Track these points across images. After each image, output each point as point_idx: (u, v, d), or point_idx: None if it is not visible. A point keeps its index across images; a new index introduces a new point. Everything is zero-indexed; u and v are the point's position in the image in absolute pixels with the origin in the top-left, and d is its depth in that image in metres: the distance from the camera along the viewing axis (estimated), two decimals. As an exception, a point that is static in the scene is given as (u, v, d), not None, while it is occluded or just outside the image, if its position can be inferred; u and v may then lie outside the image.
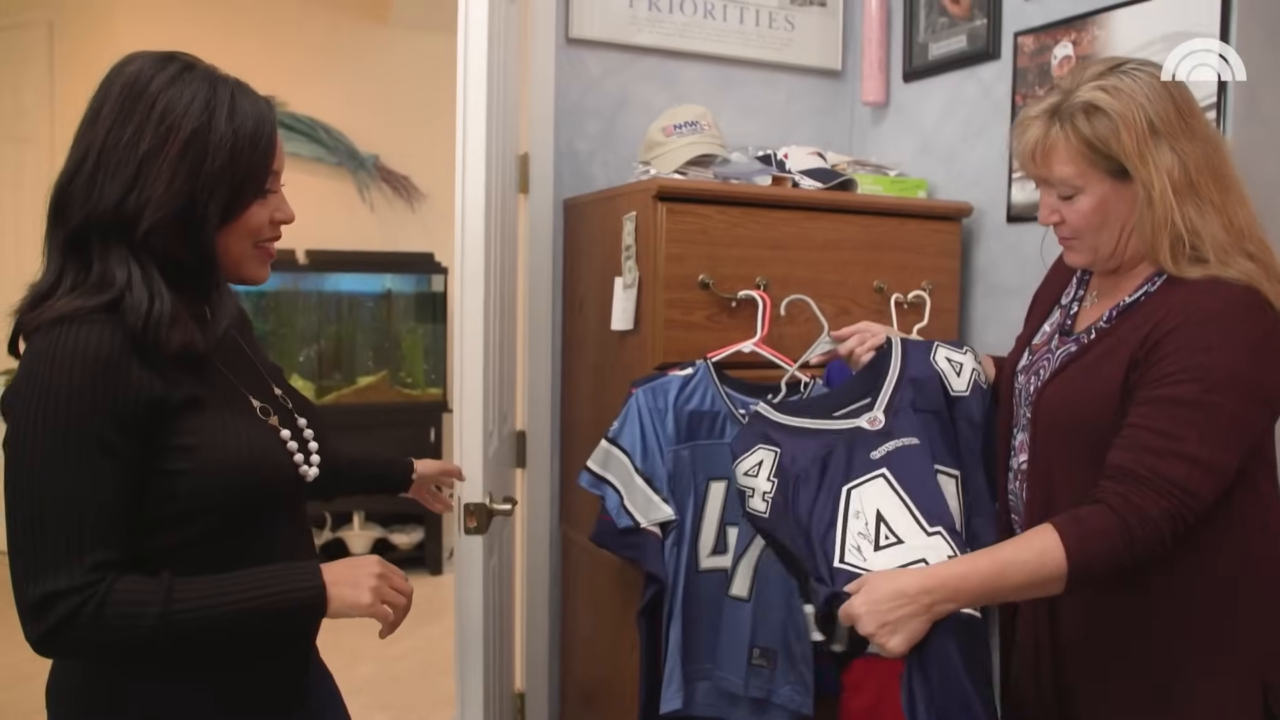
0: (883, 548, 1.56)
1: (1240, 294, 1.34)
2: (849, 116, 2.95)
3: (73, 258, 1.18)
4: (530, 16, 2.57)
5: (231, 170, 1.20)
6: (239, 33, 4.89)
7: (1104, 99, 1.38)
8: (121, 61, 1.22)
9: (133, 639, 1.11)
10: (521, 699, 2.75)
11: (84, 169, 1.17)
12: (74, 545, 1.09)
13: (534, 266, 2.62)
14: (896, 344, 1.78)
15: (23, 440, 1.11)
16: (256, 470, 1.24)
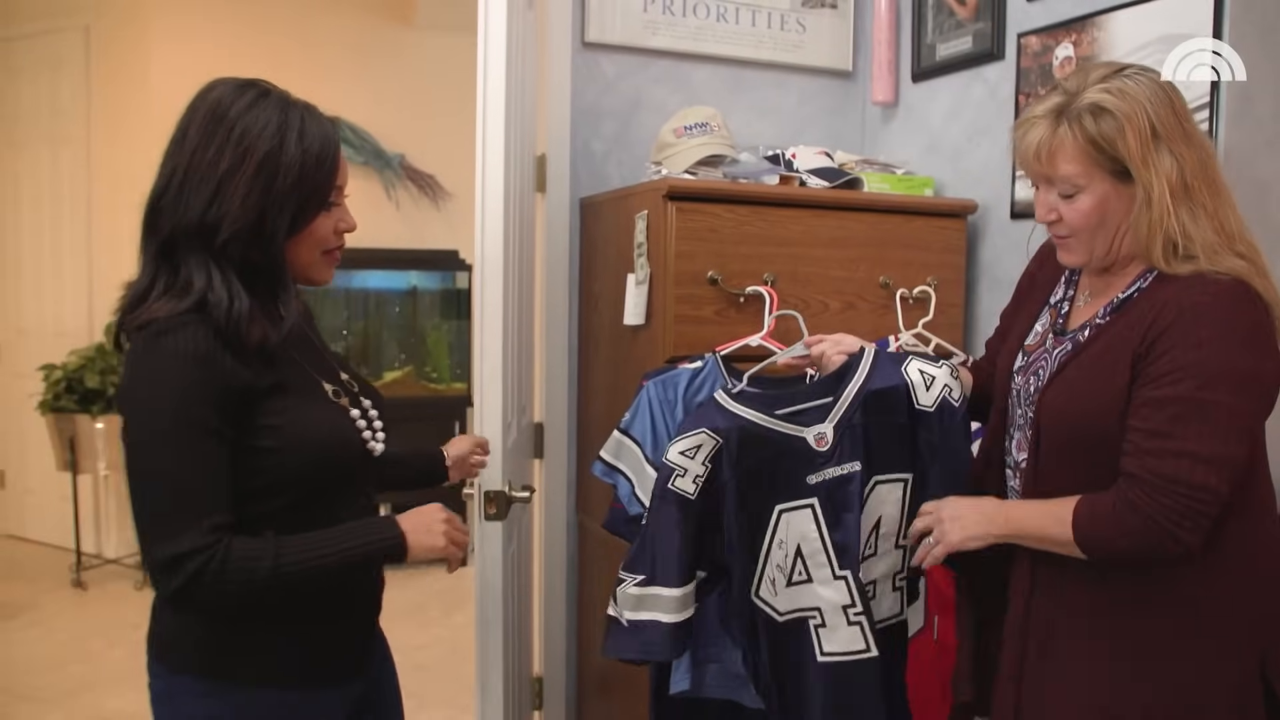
0: (793, 584, 1.72)
1: (1229, 287, 1.38)
2: (859, 116, 3.01)
3: (164, 264, 1.34)
4: (547, 21, 2.65)
5: (299, 187, 1.35)
6: (268, 34, 5.00)
7: (1110, 100, 1.41)
8: (205, 88, 1.37)
9: (250, 590, 1.27)
10: (540, 683, 2.83)
11: (171, 186, 1.33)
12: (194, 512, 1.25)
13: (551, 264, 2.70)
14: (868, 353, 1.79)
15: (142, 428, 1.27)
16: (331, 446, 1.41)
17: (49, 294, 5.24)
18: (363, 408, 1.53)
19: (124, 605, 4.47)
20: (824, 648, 1.74)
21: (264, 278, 1.38)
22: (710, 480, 1.69)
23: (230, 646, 1.37)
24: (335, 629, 1.46)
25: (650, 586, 1.69)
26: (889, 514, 1.76)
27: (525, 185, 2.50)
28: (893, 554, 1.79)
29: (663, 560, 1.68)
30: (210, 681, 1.37)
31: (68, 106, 5.15)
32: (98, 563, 4.87)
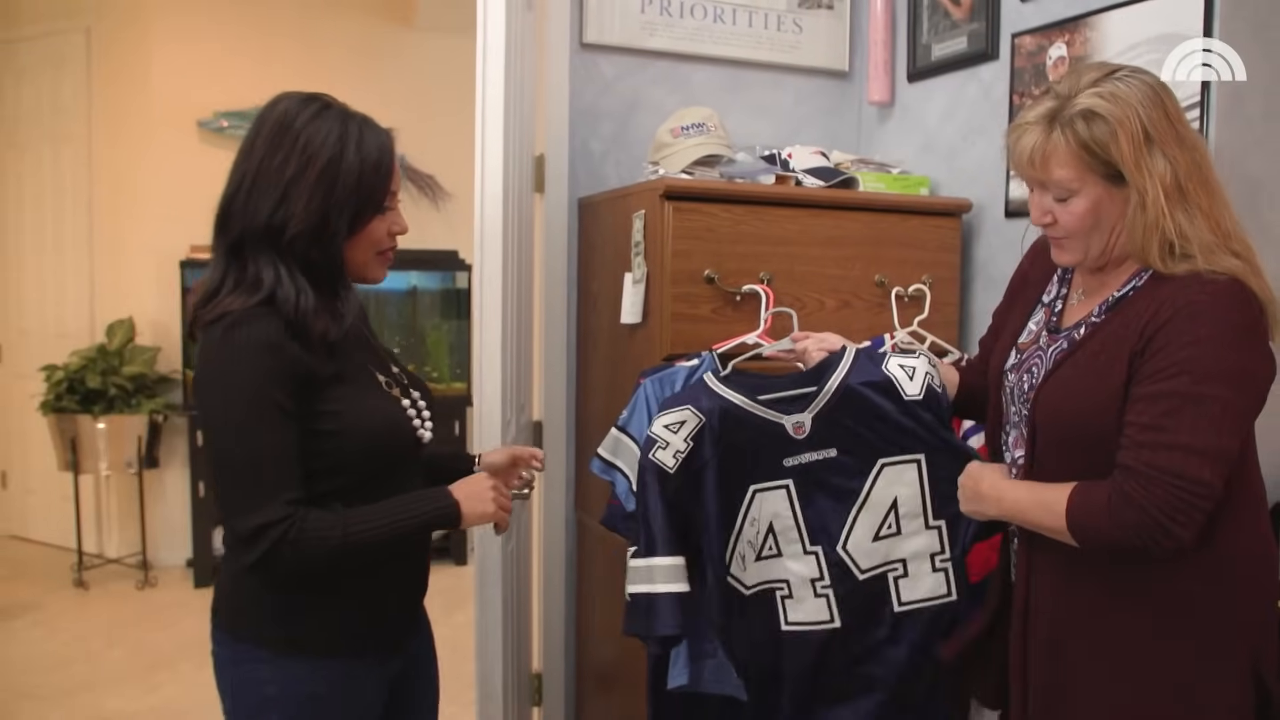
0: (762, 558, 1.83)
1: (1226, 286, 1.39)
2: (856, 116, 3.03)
3: (234, 262, 1.46)
4: (546, 23, 2.67)
5: (358, 192, 1.47)
6: (269, 35, 5.04)
7: (1103, 105, 1.42)
8: (273, 101, 1.51)
9: (324, 556, 1.40)
10: (539, 679, 2.85)
11: (240, 191, 1.45)
12: (274, 486, 1.38)
13: (550, 263, 2.72)
14: (850, 351, 1.85)
15: (223, 411, 1.39)
16: (385, 433, 1.53)
17: (50, 295, 5.26)
18: (412, 399, 1.64)
19: (125, 605, 4.50)
20: (789, 617, 1.84)
21: (324, 276, 1.50)
22: (690, 458, 1.76)
23: (291, 618, 1.48)
24: (385, 605, 1.59)
25: (645, 558, 1.77)
26: (906, 494, 1.83)
27: (524, 185, 2.52)
28: (924, 533, 1.85)
29: (648, 531, 1.76)
30: (271, 650, 1.49)
31: (69, 108, 5.17)
32: (99, 563, 4.89)
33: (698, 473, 1.78)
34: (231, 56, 5.02)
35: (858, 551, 1.84)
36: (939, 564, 1.86)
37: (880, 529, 1.84)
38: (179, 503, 4.93)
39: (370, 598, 1.54)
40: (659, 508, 1.75)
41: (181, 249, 4.79)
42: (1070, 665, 1.53)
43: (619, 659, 2.48)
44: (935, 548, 1.85)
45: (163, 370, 4.86)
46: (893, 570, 1.86)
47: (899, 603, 1.86)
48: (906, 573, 1.86)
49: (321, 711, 1.51)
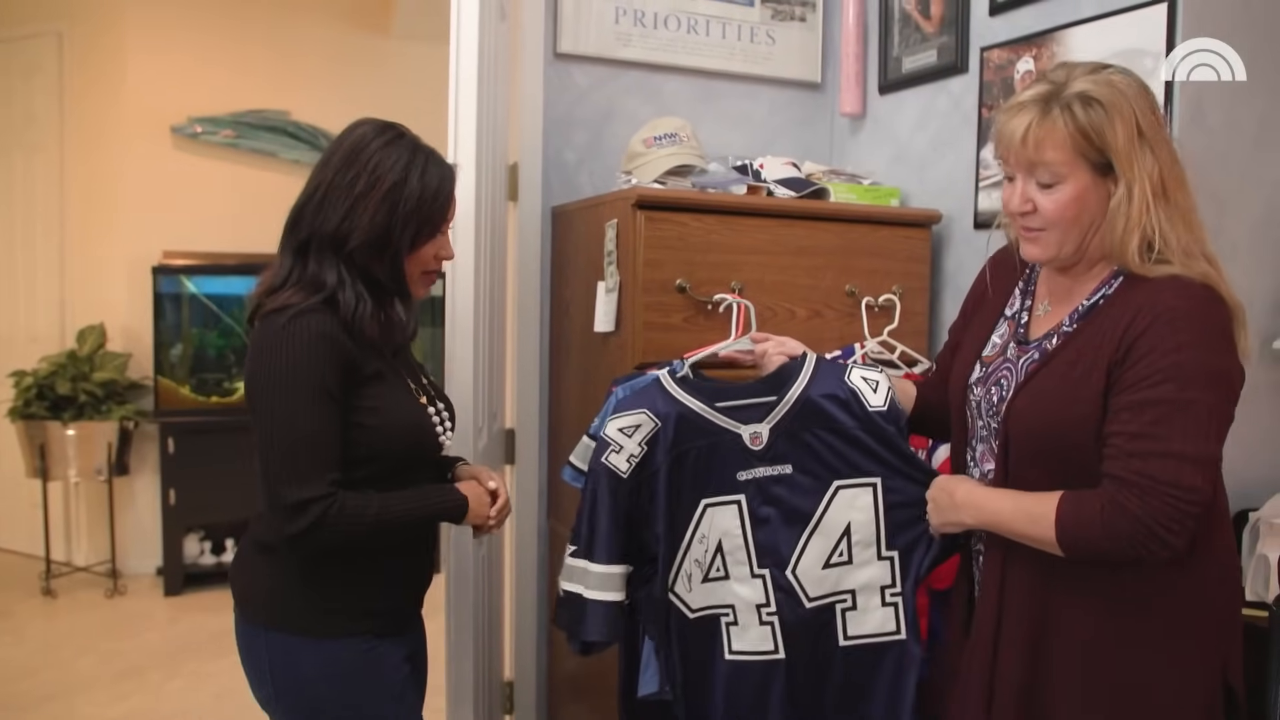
0: (709, 580, 1.76)
1: (1201, 290, 1.39)
2: (828, 127, 3.06)
3: (299, 261, 1.62)
4: (520, 32, 2.68)
5: (418, 215, 1.62)
6: (244, 42, 5.01)
7: (1101, 91, 1.40)
8: (354, 124, 1.66)
9: (359, 532, 1.55)
10: (511, 687, 2.85)
11: (314, 199, 1.61)
12: (319, 465, 1.52)
13: (523, 271, 2.72)
14: (810, 360, 1.80)
15: (281, 391, 1.52)
16: (411, 434, 1.68)
17: (21, 300, 5.21)
18: (437, 407, 1.78)
19: (94, 614, 4.45)
20: (733, 645, 1.77)
21: (384, 286, 1.65)
22: (643, 464, 1.73)
23: (324, 603, 1.62)
24: (403, 587, 1.75)
25: (579, 559, 1.74)
26: (860, 520, 1.75)
27: (497, 194, 2.53)
28: (876, 564, 1.76)
29: (590, 534, 1.73)
30: (306, 635, 1.62)
31: (40, 112, 5.13)
32: (68, 571, 4.84)
33: (650, 479, 1.74)
34: (206, 62, 5.00)
35: (807, 578, 1.76)
36: (889, 598, 1.77)
37: (831, 556, 1.76)
38: (149, 510, 4.89)
39: (390, 580, 1.70)
40: (605, 512, 1.72)
41: (154, 255, 4.76)
42: (1045, 671, 1.51)
43: (590, 667, 2.48)
44: (886, 580, 1.76)
45: (134, 377, 4.82)
46: (841, 601, 1.77)
47: (845, 636, 1.77)
48: (855, 605, 1.77)
49: (361, 683, 1.65)
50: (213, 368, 4.84)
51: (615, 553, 1.72)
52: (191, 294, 4.79)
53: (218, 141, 4.98)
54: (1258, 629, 1.94)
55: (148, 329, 4.77)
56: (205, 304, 4.80)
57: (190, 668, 3.78)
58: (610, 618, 1.73)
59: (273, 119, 5.03)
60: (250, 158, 5.01)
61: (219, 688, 3.55)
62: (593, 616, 1.72)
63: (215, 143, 4.98)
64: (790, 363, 1.82)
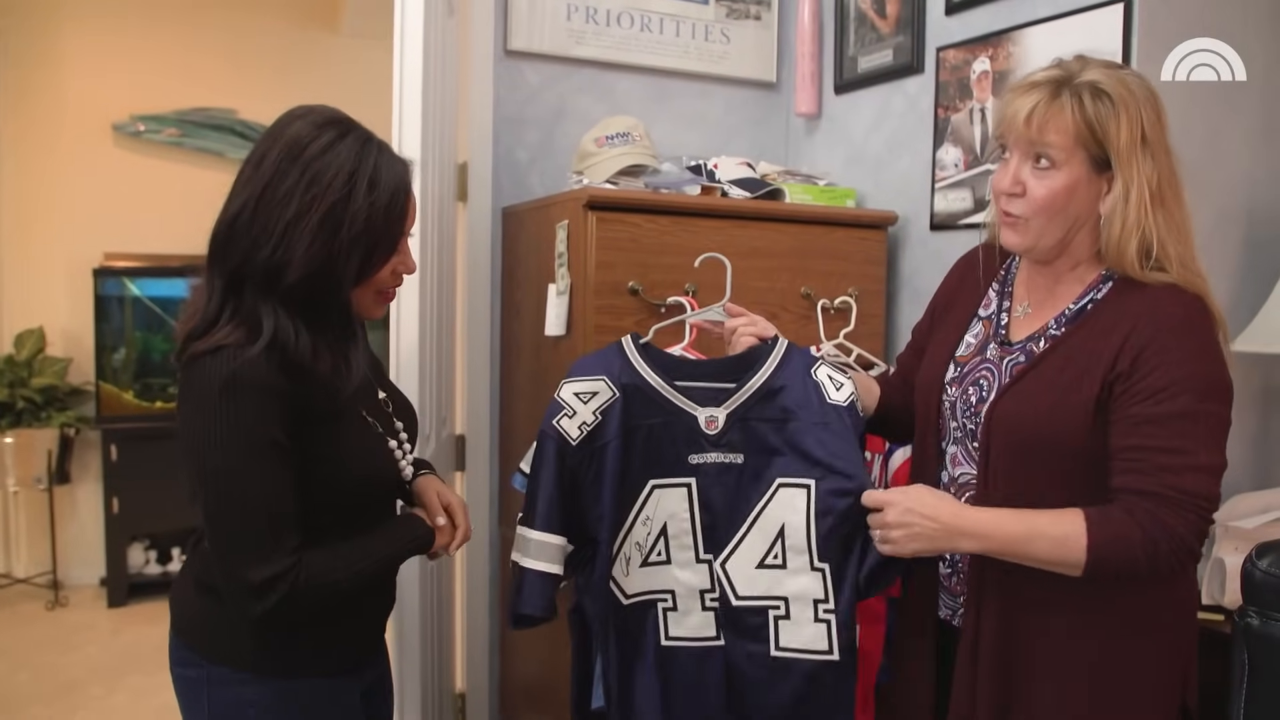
0: (648, 564, 1.68)
1: (1197, 300, 1.39)
2: (784, 127, 3.03)
3: (232, 294, 1.37)
4: (469, 29, 2.62)
5: (367, 236, 1.38)
6: (189, 37, 4.90)
7: (1113, 86, 1.39)
8: (287, 117, 1.41)
9: (331, 594, 1.38)
10: (463, 699, 2.79)
11: (242, 217, 1.36)
12: (278, 535, 1.33)
13: (473, 273, 2.67)
14: (780, 347, 1.71)
15: (220, 455, 1.31)
16: (371, 478, 1.50)
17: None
18: (395, 431, 1.58)
19: (34, 626, 4.33)
20: (670, 631, 1.70)
21: (330, 320, 1.43)
22: (595, 434, 1.63)
23: (271, 640, 1.43)
24: (362, 623, 1.56)
25: (523, 526, 1.66)
26: (794, 523, 1.66)
27: (446, 193, 2.47)
28: (808, 574, 1.66)
29: (532, 499, 1.65)
30: (252, 670, 1.43)
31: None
32: (7, 582, 4.70)
33: (599, 451, 1.64)
34: (149, 58, 4.88)
35: (737, 575, 1.67)
36: (822, 614, 1.65)
37: (766, 556, 1.67)
38: (92, 520, 4.76)
39: (349, 616, 1.52)
40: (550, 479, 1.63)
41: (95, 256, 4.65)
42: (1022, 687, 1.48)
43: (543, 677, 2.43)
44: (819, 594, 1.65)
45: (75, 382, 4.69)
46: (774, 608, 1.67)
47: (777, 645, 1.67)
48: (788, 614, 1.67)
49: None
50: (157, 372, 4.72)
51: (554, 521, 1.62)
52: (135, 296, 4.68)
53: (162, 140, 4.86)
54: (1215, 634, 1.93)
55: (89, 333, 4.65)
56: (149, 307, 4.69)
57: (133, 681, 3.68)
58: (545, 590, 1.63)
59: (219, 117, 4.92)
60: (196, 157, 4.90)
61: (162, 702, 3.43)
62: (529, 587, 1.62)
63: (159, 142, 4.86)
64: (759, 346, 1.73)
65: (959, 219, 2.38)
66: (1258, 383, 2.26)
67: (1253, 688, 1.26)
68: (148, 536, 4.74)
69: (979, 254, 1.68)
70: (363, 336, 1.55)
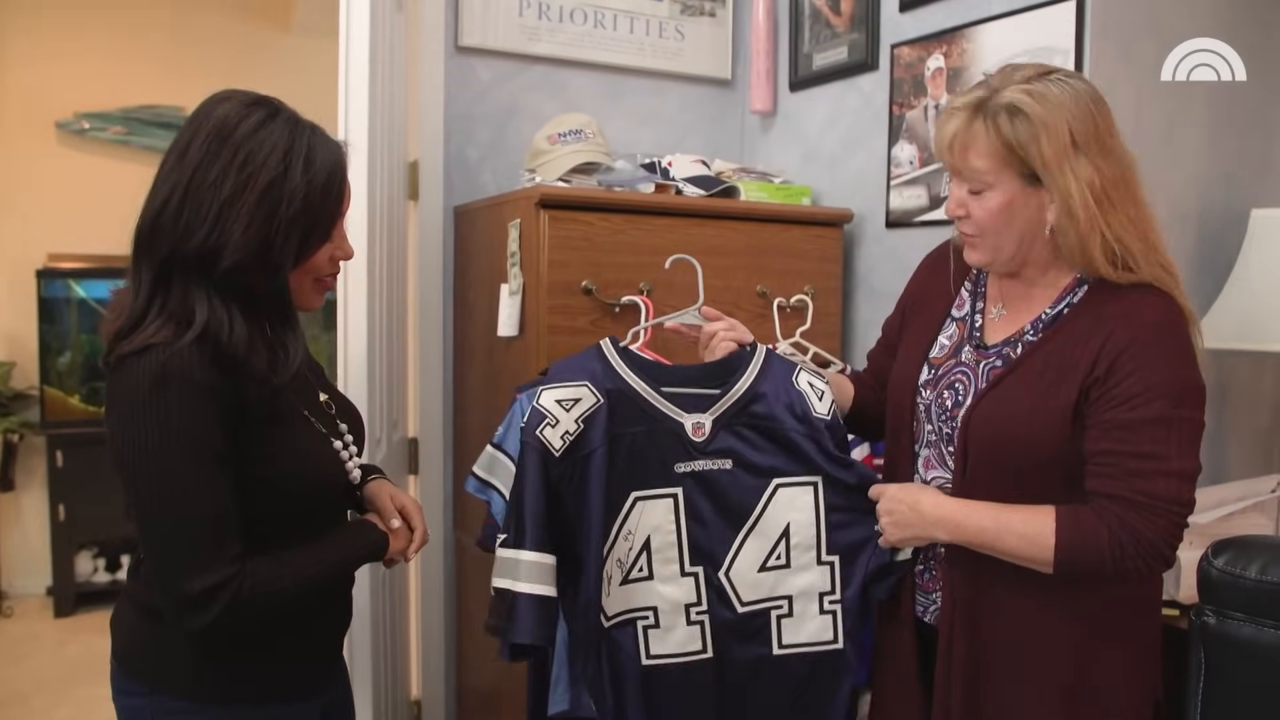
0: (629, 581, 1.64)
1: (1170, 304, 1.39)
2: (739, 125, 3.01)
3: (160, 287, 1.30)
4: (419, 24, 2.57)
5: (305, 216, 1.32)
6: (135, 33, 4.79)
7: (1029, 103, 1.38)
8: (212, 101, 1.34)
9: (276, 604, 1.30)
10: (418, 706, 2.74)
11: (170, 205, 1.28)
12: (217, 544, 1.25)
13: (424, 273, 2.62)
14: (760, 353, 1.72)
15: (154, 462, 1.24)
16: (317, 481, 1.42)
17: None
18: (340, 433, 1.51)
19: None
20: (650, 650, 1.66)
21: (266, 308, 1.37)
22: (577, 443, 1.58)
23: (215, 666, 1.36)
24: (314, 642, 1.48)
25: (513, 549, 1.56)
26: (800, 520, 1.66)
27: (396, 192, 2.42)
28: (815, 569, 1.67)
29: (519, 518, 1.56)
30: (194, 699, 1.36)
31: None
32: (-52, 592, 4.58)
33: (581, 462, 1.58)
34: (94, 54, 4.77)
35: (741, 581, 1.66)
36: (828, 605, 1.67)
37: (768, 558, 1.66)
38: (37, 527, 4.64)
39: (300, 639, 1.44)
40: (537, 493, 1.54)
41: (38, 257, 4.53)
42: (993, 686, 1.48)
43: (500, 684, 2.40)
44: (825, 586, 1.67)
45: (18, 386, 4.58)
46: (777, 608, 1.67)
47: (779, 644, 1.67)
48: (791, 612, 1.67)
49: None
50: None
51: (545, 540, 1.55)
52: (80, 298, 4.57)
53: (107, 138, 4.75)
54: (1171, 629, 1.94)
55: (32, 335, 4.53)
56: (95, 309, 4.58)
57: (79, 693, 3.59)
58: (542, 616, 1.55)
59: (166, 115, 4.80)
60: (142, 155, 4.78)
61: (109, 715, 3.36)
62: (524, 614, 1.54)
63: (104, 140, 4.75)
64: (739, 352, 1.71)
65: (914, 216, 2.37)
66: (1211, 378, 2.27)
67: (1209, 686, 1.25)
68: (96, 544, 4.63)
69: (949, 249, 1.66)
70: (300, 333, 1.47)
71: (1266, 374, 2.38)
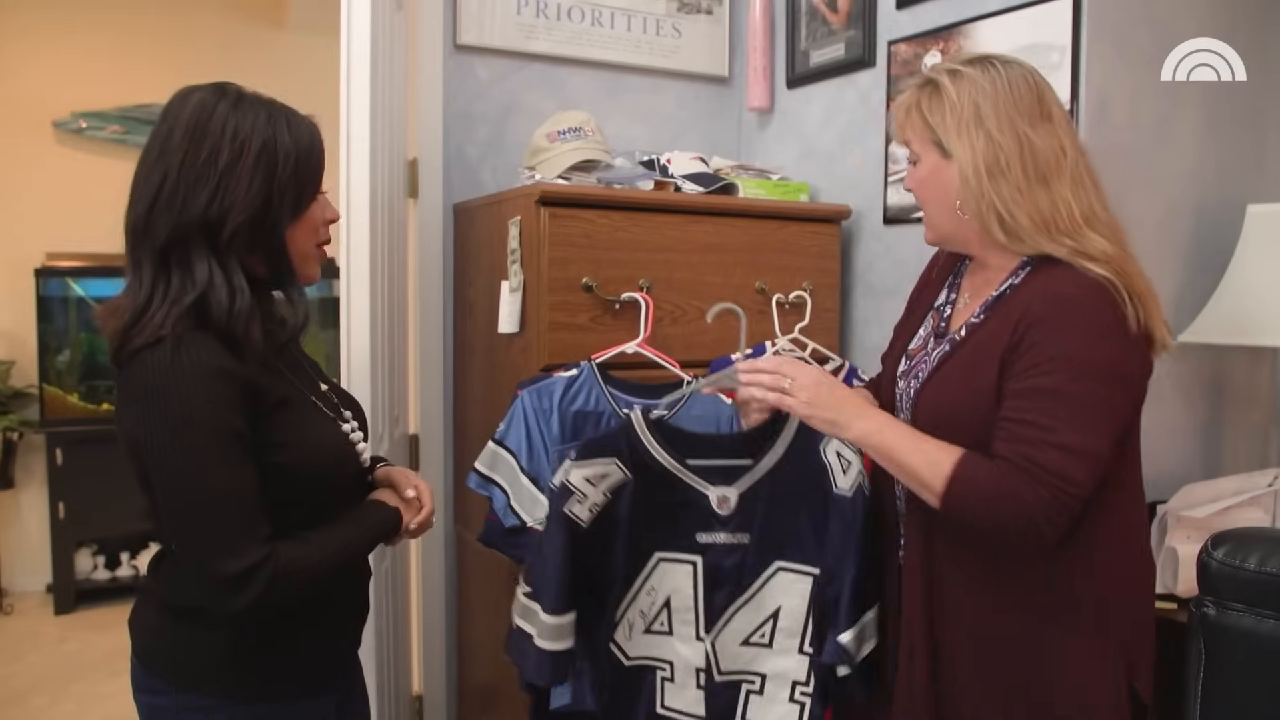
0: (651, 632, 1.70)
1: (1095, 282, 1.39)
2: (736, 122, 3.02)
3: (161, 275, 1.32)
4: (418, 23, 2.58)
5: (298, 176, 1.38)
6: (131, 33, 4.80)
7: (945, 81, 1.49)
8: (181, 95, 1.36)
9: (309, 582, 1.33)
10: (420, 701, 2.75)
11: (163, 194, 1.31)
12: (252, 524, 1.29)
13: (424, 270, 2.63)
14: (792, 425, 1.70)
15: (180, 449, 1.26)
16: (333, 465, 1.45)
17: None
18: (346, 418, 1.55)
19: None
20: (665, 701, 1.72)
21: (270, 271, 1.41)
22: (605, 512, 1.65)
23: (241, 663, 1.39)
24: (336, 637, 1.53)
25: (533, 601, 1.65)
26: (791, 606, 1.70)
27: (395, 190, 2.43)
28: (795, 657, 1.70)
29: (545, 583, 1.63)
30: (220, 696, 1.38)
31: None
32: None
33: (609, 526, 1.66)
34: (91, 54, 4.77)
35: (724, 651, 1.71)
36: (799, 695, 1.70)
37: (753, 635, 1.71)
38: (37, 525, 4.65)
39: (321, 632, 1.47)
40: (559, 562, 1.61)
41: (36, 256, 4.53)
42: (952, 670, 1.51)
43: (501, 678, 2.41)
44: (800, 676, 1.70)
45: (17, 385, 4.58)
46: (748, 682, 1.72)
47: None
48: (762, 691, 1.71)
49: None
50: (103, 374, 4.61)
51: (566, 604, 1.63)
52: (79, 297, 4.57)
53: (104, 137, 4.75)
54: (1169, 622, 1.95)
55: (31, 334, 4.54)
56: (94, 307, 4.56)
57: (79, 690, 3.60)
58: (556, 666, 1.65)
59: (163, 114, 4.82)
60: (139, 155, 4.79)
61: (110, 711, 3.38)
62: (538, 664, 1.64)
63: (102, 139, 4.75)
64: (771, 421, 1.71)
65: (912, 213, 2.38)
66: (1207, 373, 2.29)
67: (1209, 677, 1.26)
68: (95, 542, 4.64)
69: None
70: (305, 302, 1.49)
71: (1262, 369, 2.39)
